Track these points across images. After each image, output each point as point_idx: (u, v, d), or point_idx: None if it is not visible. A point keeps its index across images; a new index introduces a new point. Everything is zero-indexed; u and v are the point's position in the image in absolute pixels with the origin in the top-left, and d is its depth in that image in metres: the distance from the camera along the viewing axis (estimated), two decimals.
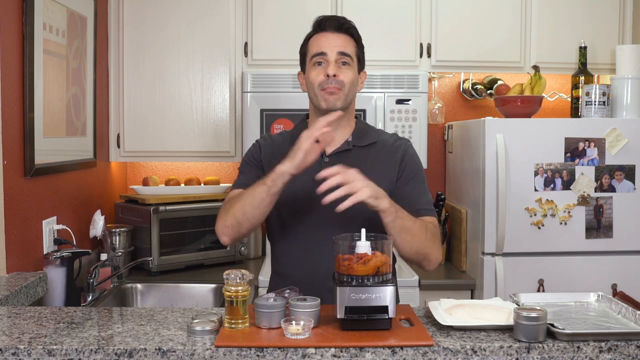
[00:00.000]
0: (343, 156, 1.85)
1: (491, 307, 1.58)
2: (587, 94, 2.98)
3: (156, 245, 3.01)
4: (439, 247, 1.80)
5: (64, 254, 2.30)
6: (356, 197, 1.57)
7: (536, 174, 2.80)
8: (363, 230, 1.49)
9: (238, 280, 1.48)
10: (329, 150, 1.87)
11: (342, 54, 1.81)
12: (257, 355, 1.38)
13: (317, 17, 1.89)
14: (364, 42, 1.90)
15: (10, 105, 2.12)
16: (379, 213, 1.63)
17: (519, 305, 1.61)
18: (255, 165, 1.91)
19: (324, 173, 1.60)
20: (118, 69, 3.17)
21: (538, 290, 2.79)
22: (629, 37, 3.28)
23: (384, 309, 1.45)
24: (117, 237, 2.95)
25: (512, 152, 2.78)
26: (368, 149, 1.88)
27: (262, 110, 3.04)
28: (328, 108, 1.80)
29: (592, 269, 2.83)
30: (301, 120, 1.97)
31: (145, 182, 3.27)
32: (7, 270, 2.09)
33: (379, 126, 3.03)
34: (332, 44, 1.81)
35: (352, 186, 1.58)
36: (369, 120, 3.04)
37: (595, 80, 3.33)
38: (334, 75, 1.79)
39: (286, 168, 1.65)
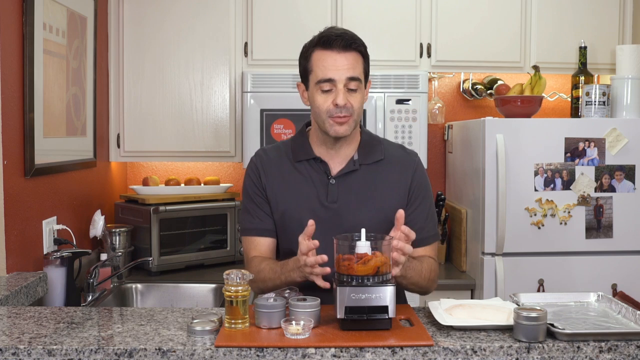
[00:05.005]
0: (350, 177, 1.80)
1: (491, 307, 1.58)
2: (587, 94, 2.98)
3: (156, 245, 3.01)
4: (436, 280, 1.83)
5: (64, 254, 2.31)
6: (394, 271, 1.52)
7: (536, 174, 2.79)
8: (363, 231, 1.49)
9: (238, 280, 1.48)
10: (335, 170, 1.80)
11: (352, 79, 1.70)
12: (257, 355, 1.38)
13: (321, 31, 1.75)
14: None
15: (10, 105, 2.12)
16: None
17: (519, 305, 1.61)
18: (259, 195, 1.83)
19: (399, 246, 1.52)
20: (118, 69, 3.17)
21: (538, 290, 2.79)
22: (629, 37, 3.28)
23: (384, 309, 1.45)
24: (117, 237, 2.95)
25: (512, 152, 2.78)
26: (375, 166, 1.82)
27: (262, 110, 3.04)
28: (336, 136, 1.75)
29: (592, 269, 2.83)
30: (300, 133, 1.87)
31: (145, 182, 3.27)
32: (7, 270, 2.09)
33: (379, 126, 3.03)
34: (341, 67, 1.69)
35: (397, 257, 1.53)
36: (369, 121, 3.04)
37: (595, 80, 3.33)
38: (344, 105, 1.70)
39: (299, 278, 1.63)
